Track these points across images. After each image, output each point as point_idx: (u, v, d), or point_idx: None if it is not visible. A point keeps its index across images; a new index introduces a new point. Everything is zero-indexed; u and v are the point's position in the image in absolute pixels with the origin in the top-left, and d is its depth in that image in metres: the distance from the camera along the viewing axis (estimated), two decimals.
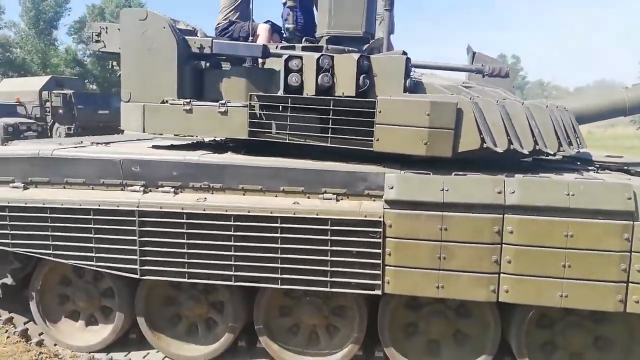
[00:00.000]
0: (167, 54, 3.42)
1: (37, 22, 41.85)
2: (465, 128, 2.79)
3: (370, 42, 3.80)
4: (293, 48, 3.64)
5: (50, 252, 3.15)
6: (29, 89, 22.11)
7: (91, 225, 3.06)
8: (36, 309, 3.47)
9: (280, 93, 3.23)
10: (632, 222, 2.54)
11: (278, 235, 2.88)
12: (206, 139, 4.57)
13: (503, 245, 2.68)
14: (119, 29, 3.64)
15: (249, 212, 2.91)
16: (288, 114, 3.07)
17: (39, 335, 3.53)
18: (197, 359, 3.32)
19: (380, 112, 2.85)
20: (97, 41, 3.80)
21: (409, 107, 2.81)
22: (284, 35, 4.52)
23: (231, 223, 2.92)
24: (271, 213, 2.88)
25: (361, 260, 2.83)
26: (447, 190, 2.71)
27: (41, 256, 3.19)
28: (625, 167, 3.34)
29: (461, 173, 2.79)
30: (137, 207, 3.00)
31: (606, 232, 2.56)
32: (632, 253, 2.54)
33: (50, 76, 23.56)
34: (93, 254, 3.09)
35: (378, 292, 2.84)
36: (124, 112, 3.61)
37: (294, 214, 2.87)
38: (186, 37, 3.55)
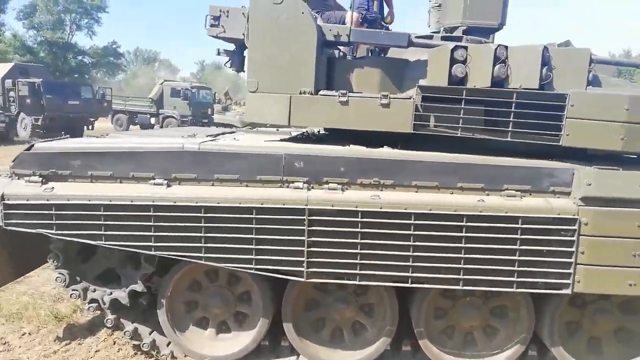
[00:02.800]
0: (305, 42, 3.20)
1: None
2: None
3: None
4: (431, 38, 3.51)
5: (202, 255, 2.87)
6: None
7: (252, 225, 2.81)
8: (165, 317, 3.17)
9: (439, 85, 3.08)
10: None
11: (462, 234, 2.75)
12: (297, 132, 4.38)
13: None
14: (243, 14, 3.38)
15: (430, 210, 2.75)
16: (462, 106, 2.93)
17: (167, 345, 3.22)
18: None
19: (572, 105, 2.77)
20: (213, 25, 3.51)
21: (606, 101, 2.74)
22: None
23: (411, 222, 2.76)
24: (455, 211, 2.75)
25: (551, 260, 2.75)
26: None
27: (191, 259, 2.90)
28: None
29: None
30: (306, 205, 2.78)
31: None
32: None
33: (13, 63, 21.97)
34: (252, 256, 2.84)
35: (567, 291, 2.77)
36: (252, 103, 3.34)
37: (481, 211, 2.74)
38: (320, 24, 3.34)
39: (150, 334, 3.24)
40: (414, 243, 2.77)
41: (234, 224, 2.82)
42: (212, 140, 3.10)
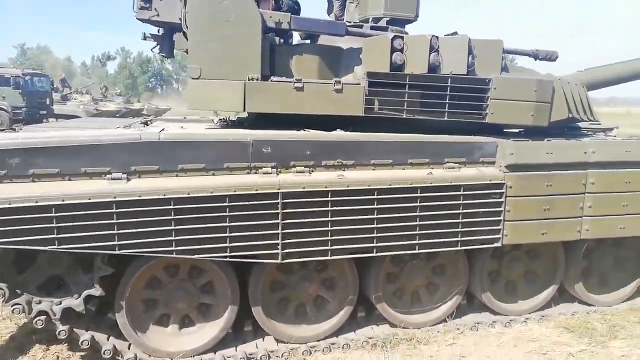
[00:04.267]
0: (249, 28, 3.24)
1: None
2: (557, 102, 3.42)
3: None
4: (361, 27, 3.78)
5: (173, 248, 2.77)
6: None
7: (226, 213, 2.80)
8: (126, 319, 2.97)
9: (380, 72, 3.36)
10: None
11: (417, 204, 3.11)
12: (216, 118, 4.37)
13: (586, 194, 3.41)
14: None
15: (390, 185, 3.05)
16: (405, 90, 3.26)
17: (128, 349, 3.03)
18: (319, 336, 3.32)
19: (495, 88, 3.28)
20: (144, 8, 3.32)
21: (520, 85, 3.31)
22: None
23: (374, 197, 3.02)
24: (410, 184, 3.08)
25: (485, 219, 3.25)
26: (552, 154, 3.30)
27: (160, 254, 2.78)
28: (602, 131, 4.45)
29: (551, 139, 3.42)
30: (279, 189, 2.86)
31: None
32: None
33: None
34: (227, 244, 2.84)
35: (498, 244, 3.31)
36: (196, 89, 3.26)
37: (431, 183, 3.12)
38: (261, 11, 3.38)
39: (108, 340, 3.01)
40: (378, 216, 3.04)
41: (207, 214, 2.78)
42: (169, 131, 2.96)
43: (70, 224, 2.61)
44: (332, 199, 2.95)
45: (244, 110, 3.22)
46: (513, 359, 3.18)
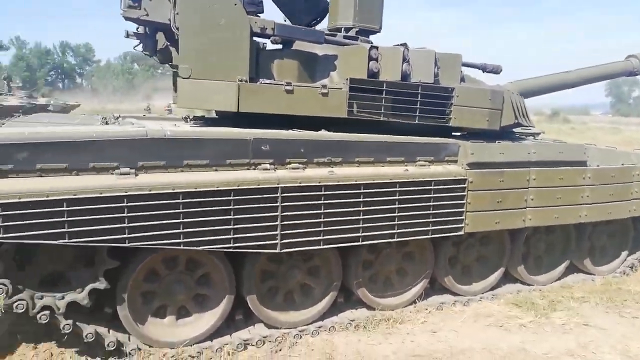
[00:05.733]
0: (239, 32, 3.46)
1: None
2: (506, 109, 3.97)
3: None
4: (335, 35, 4.10)
5: (181, 240, 2.90)
6: None
7: (230, 207, 2.99)
8: (127, 312, 3.04)
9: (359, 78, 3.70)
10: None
11: (396, 197, 3.49)
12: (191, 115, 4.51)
13: (529, 188, 4.00)
14: None
15: (374, 180, 3.40)
16: (382, 96, 3.64)
17: (129, 340, 3.09)
18: (307, 320, 3.58)
19: (458, 96, 3.76)
20: (132, 7, 3.41)
21: (478, 93, 3.81)
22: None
23: (360, 191, 3.36)
24: (391, 179, 3.46)
25: (450, 210, 3.71)
26: (503, 154, 3.85)
27: (168, 246, 2.90)
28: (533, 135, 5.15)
29: (500, 141, 3.97)
30: (278, 184, 3.10)
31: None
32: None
33: None
34: (231, 236, 3.02)
35: (461, 232, 3.78)
36: (187, 88, 3.41)
37: (408, 178, 3.52)
38: (248, 17, 3.60)
39: (109, 332, 3.06)
40: (363, 208, 3.38)
41: (213, 207, 2.95)
42: (175, 128, 3.09)
43: (81, 218, 2.66)
44: (325, 192, 3.24)
45: (238, 109, 3.40)
46: (476, 331, 3.66)
